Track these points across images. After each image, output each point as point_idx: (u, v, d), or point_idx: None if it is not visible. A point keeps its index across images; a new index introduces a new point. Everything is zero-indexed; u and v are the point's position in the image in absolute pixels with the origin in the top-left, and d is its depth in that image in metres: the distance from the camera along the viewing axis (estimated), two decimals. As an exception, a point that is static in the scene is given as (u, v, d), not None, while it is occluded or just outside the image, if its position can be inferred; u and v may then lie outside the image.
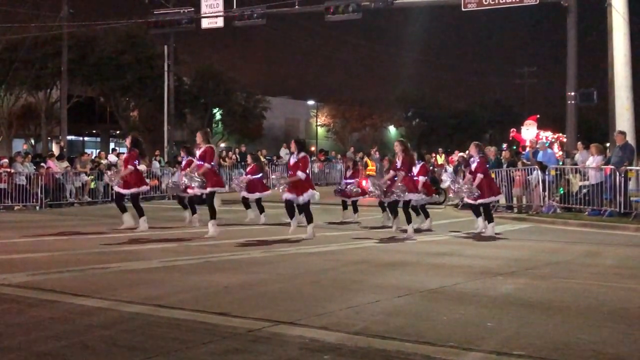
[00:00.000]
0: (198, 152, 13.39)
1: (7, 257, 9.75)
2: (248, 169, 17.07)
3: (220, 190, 13.88)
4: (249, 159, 17.76)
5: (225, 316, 5.92)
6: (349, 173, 17.50)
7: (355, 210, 16.85)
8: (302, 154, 12.86)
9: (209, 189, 13.03)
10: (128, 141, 14.22)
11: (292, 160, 12.89)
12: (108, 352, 4.91)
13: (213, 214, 12.95)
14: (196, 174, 13.06)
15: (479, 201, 13.56)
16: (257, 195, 16.14)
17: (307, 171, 13.01)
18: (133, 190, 13.94)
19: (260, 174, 16.69)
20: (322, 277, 8.27)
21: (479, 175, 13.44)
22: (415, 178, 14.07)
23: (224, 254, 10.36)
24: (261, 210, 16.15)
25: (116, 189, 14.14)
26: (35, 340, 5.16)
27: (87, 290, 7.08)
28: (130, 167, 13.87)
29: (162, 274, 8.46)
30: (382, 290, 7.22)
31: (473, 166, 13.71)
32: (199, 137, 13.58)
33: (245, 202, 16.40)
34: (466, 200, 14.53)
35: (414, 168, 14.01)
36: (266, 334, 5.33)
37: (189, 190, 13.76)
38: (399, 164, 13.50)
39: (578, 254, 11.16)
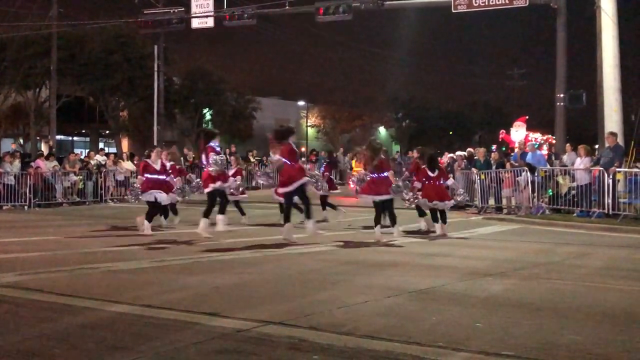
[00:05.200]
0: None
1: (-5, 257, 9.69)
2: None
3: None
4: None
5: (214, 316, 5.91)
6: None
7: (324, 208, 16.74)
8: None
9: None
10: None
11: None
12: (96, 351, 4.89)
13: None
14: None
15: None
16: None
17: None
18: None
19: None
20: (312, 277, 8.28)
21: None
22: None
23: (214, 255, 10.34)
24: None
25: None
26: (23, 340, 5.14)
27: (76, 291, 7.06)
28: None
29: (152, 274, 8.44)
30: (371, 291, 7.23)
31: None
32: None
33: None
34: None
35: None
36: (255, 334, 5.33)
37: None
38: None
39: (566, 255, 11.20)
